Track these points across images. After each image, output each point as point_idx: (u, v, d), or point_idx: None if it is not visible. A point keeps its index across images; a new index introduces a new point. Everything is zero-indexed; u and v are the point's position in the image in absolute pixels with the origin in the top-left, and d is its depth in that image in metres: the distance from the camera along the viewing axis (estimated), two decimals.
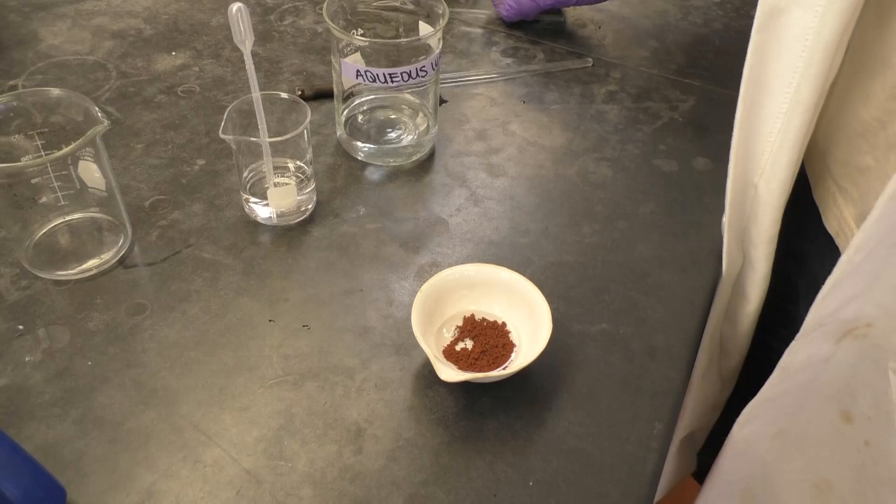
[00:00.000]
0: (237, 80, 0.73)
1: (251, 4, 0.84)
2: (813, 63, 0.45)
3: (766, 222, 0.54)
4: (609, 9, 0.87)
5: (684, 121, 0.72)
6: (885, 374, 0.44)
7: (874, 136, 0.48)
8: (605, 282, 0.57)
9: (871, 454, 0.47)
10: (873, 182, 0.48)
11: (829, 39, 0.44)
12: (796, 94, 0.47)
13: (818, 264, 0.56)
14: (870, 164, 0.48)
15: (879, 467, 0.46)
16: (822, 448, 0.50)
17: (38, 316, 0.52)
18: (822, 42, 0.44)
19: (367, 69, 0.59)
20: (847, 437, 0.48)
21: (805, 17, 0.44)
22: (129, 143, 0.65)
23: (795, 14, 0.45)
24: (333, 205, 0.61)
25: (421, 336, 0.47)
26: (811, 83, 0.46)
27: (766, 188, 0.52)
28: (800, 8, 0.45)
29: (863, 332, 0.45)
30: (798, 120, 0.48)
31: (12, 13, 0.79)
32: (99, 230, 0.58)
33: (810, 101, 0.46)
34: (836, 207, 0.53)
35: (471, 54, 0.79)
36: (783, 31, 0.46)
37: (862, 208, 0.49)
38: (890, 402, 0.44)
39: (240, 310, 0.53)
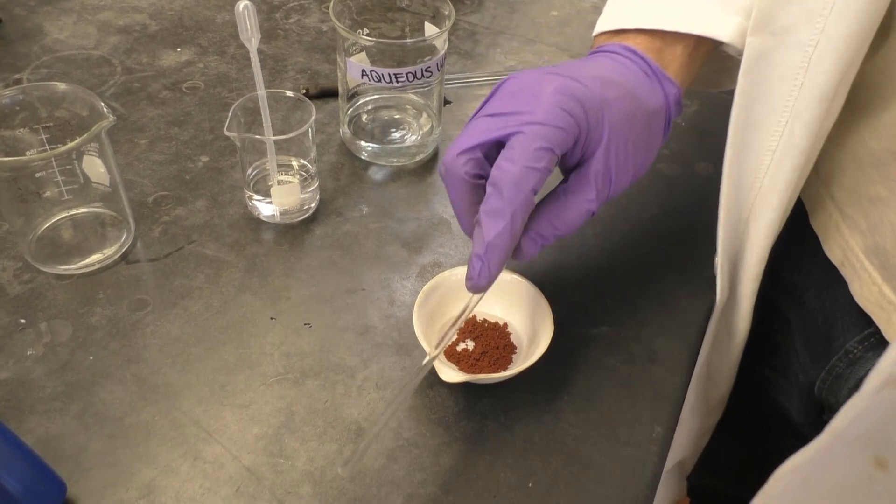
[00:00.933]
0: (242, 78, 0.73)
1: (257, 2, 0.84)
2: (805, 109, 0.44)
3: (753, 260, 0.53)
4: None
5: (687, 125, 0.72)
6: None
7: (886, 168, 0.46)
8: (607, 285, 0.57)
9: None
10: (887, 212, 0.47)
11: (823, 85, 0.43)
12: (790, 138, 0.46)
13: (813, 297, 0.55)
14: (882, 194, 0.47)
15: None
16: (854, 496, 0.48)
17: (40, 310, 0.52)
18: (816, 88, 0.43)
19: (373, 69, 0.59)
20: (880, 484, 0.45)
21: (793, 57, 0.43)
22: (133, 138, 0.65)
23: (782, 54, 0.44)
24: (336, 203, 0.61)
25: (422, 336, 0.47)
26: (805, 129, 0.45)
27: (754, 226, 0.51)
28: (787, 47, 0.43)
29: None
30: (790, 163, 0.46)
31: (18, 7, 0.79)
32: (102, 225, 0.58)
33: (804, 146, 0.45)
34: (839, 236, 0.51)
35: (475, 55, 0.79)
36: (771, 72, 0.45)
37: (873, 239, 0.48)
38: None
39: (241, 307, 0.53)
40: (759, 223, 0.51)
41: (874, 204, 0.47)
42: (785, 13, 0.43)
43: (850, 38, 0.41)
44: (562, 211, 0.45)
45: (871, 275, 0.48)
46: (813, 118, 0.44)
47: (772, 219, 0.50)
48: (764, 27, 0.44)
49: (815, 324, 0.53)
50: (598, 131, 0.43)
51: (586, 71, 0.45)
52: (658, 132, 0.48)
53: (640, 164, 0.47)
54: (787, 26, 0.43)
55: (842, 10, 0.40)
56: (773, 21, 0.44)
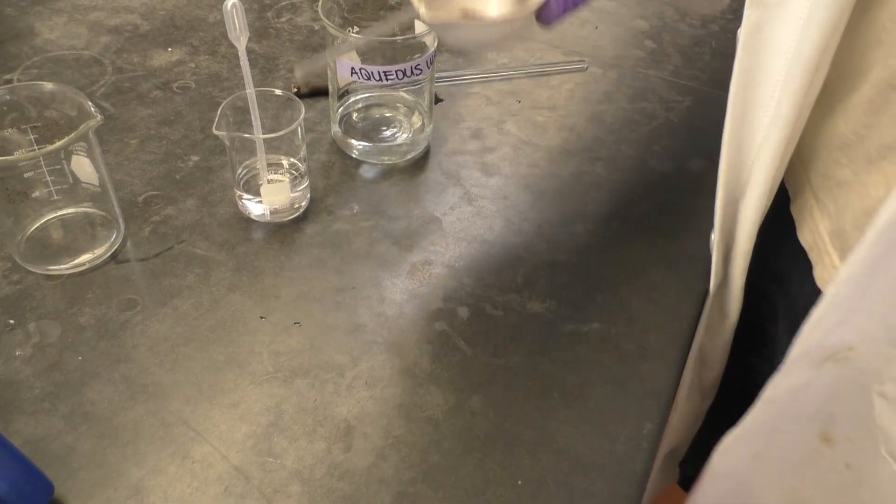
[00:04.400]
0: (233, 77, 0.73)
1: (248, 0, 0.84)
2: (792, 78, 0.45)
3: (743, 237, 0.54)
4: (607, 9, 0.87)
5: (679, 122, 0.72)
6: (868, 396, 0.44)
7: (852, 150, 0.47)
8: (598, 281, 0.57)
9: (853, 477, 0.46)
10: (850, 196, 0.48)
11: (808, 55, 0.44)
12: (777, 109, 0.47)
13: (796, 284, 0.56)
14: (848, 177, 0.48)
15: (862, 490, 0.46)
16: (801, 470, 0.49)
17: (29, 310, 0.52)
18: (802, 57, 0.44)
19: (362, 67, 0.59)
20: (827, 458, 0.47)
21: (785, 32, 0.44)
22: (123, 138, 0.65)
23: (776, 28, 0.45)
24: (327, 202, 0.61)
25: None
26: (790, 98, 0.46)
27: (744, 204, 0.52)
28: (781, 23, 0.44)
29: (844, 356, 0.45)
30: (777, 135, 0.47)
31: (8, 7, 0.79)
32: (91, 225, 0.58)
33: (790, 116, 0.46)
34: (811, 220, 0.52)
35: (467, 53, 0.79)
36: (765, 46, 0.46)
37: (837, 223, 0.49)
38: (874, 426, 0.44)
39: (231, 306, 0.53)
40: (748, 200, 0.52)
41: (841, 187, 0.48)
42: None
43: (834, 8, 0.42)
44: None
45: (832, 257, 0.49)
46: (798, 88, 0.45)
47: (760, 193, 0.51)
48: (759, 1, 0.45)
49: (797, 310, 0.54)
50: None
51: None
52: None
53: None
54: (780, 0, 0.44)
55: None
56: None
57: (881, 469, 0.44)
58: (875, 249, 0.41)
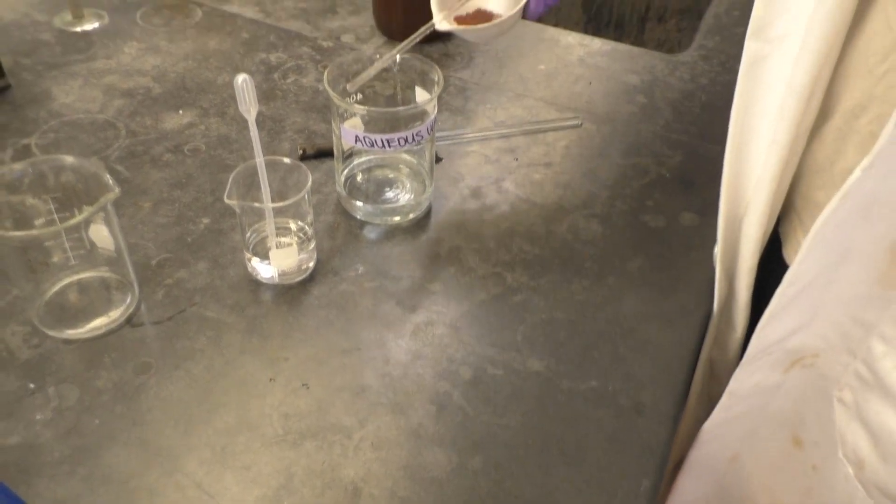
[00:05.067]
0: (241, 139, 0.76)
1: (256, 63, 0.87)
2: (788, 107, 0.50)
3: (747, 253, 0.58)
4: (599, 65, 0.91)
5: (672, 176, 0.75)
6: (830, 402, 0.48)
7: (825, 173, 0.53)
8: (595, 338, 0.59)
9: (819, 478, 0.50)
10: None
11: (800, 85, 0.48)
12: (774, 135, 0.51)
13: None
14: (822, 199, 0.53)
15: (825, 491, 0.49)
16: (775, 471, 0.53)
17: (48, 374, 0.54)
18: (794, 88, 0.49)
19: (366, 135, 0.62)
20: (797, 460, 0.51)
21: (782, 64, 0.49)
22: (137, 201, 0.68)
23: (776, 60, 0.50)
24: (333, 263, 0.64)
25: None
26: (787, 125, 0.50)
27: (748, 221, 0.57)
28: (778, 55, 0.49)
29: (810, 362, 0.50)
30: (774, 158, 0.52)
31: (26, 72, 0.82)
32: (107, 289, 0.60)
33: (785, 141, 0.51)
34: (795, 239, 0.57)
35: (466, 111, 0.82)
36: (764, 77, 0.51)
37: None
38: (835, 430, 0.47)
39: (242, 368, 0.55)
40: (751, 218, 0.56)
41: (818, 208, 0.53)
42: (778, 22, 0.49)
43: (823, 44, 0.46)
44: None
45: None
46: (794, 115, 0.49)
47: (762, 212, 0.55)
48: (759, 34, 0.50)
49: None
50: None
51: None
52: None
53: None
54: (781, 35, 0.49)
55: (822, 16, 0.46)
56: (768, 29, 0.49)
57: (838, 471, 0.47)
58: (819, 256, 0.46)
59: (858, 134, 0.49)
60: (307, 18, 0.96)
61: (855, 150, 0.50)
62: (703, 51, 0.94)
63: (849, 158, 0.50)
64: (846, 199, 0.43)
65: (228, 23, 0.94)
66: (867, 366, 0.46)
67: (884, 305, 0.44)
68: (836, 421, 0.48)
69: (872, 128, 0.48)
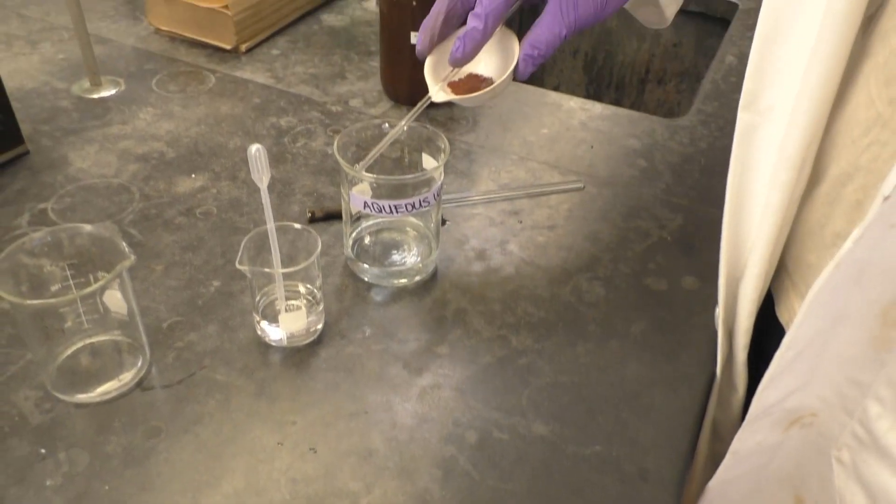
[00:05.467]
0: (252, 202, 0.78)
1: (267, 127, 0.90)
2: (780, 175, 0.52)
3: (744, 314, 0.59)
4: (601, 129, 0.93)
5: (673, 240, 0.76)
6: (829, 461, 0.49)
7: (815, 237, 0.54)
8: (599, 402, 0.60)
9: None
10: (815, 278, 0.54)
11: (791, 156, 0.51)
12: (767, 200, 0.53)
13: None
14: (813, 261, 0.55)
15: None
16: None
17: (59, 439, 0.55)
18: (785, 158, 0.51)
19: (374, 201, 0.64)
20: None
21: (773, 133, 0.51)
22: (149, 264, 0.70)
23: (766, 131, 0.52)
24: (340, 325, 0.65)
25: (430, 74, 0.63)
26: (779, 192, 0.52)
27: (744, 283, 0.58)
28: (772, 124, 0.51)
29: (808, 421, 0.51)
30: (768, 222, 0.54)
31: (45, 137, 0.85)
32: (119, 352, 0.61)
33: (778, 207, 0.53)
34: (787, 299, 0.59)
35: (471, 174, 0.84)
36: (756, 145, 0.53)
37: None
38: (834, 489, 0.48)
39: (251, 432, 0.56)
40: (747, 281, 0.57)
41: (810, 269, 0.55)
42: (768, 94, 0.51)
43: (812, 115, 0.48)
44: (539, 33, 0.60)
45: None
46: (786, 183, 0.51)
47: (757, 273, 0.56)
48: (750, 106, 0.52)
49: None
50: None
51: None
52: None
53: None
54: (771, 106, 0.51)
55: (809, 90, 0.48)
56: (758, 101, 0.52)
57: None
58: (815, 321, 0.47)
59: (846, 201, 0.51)
60: (317, 84, 0.99)
61: (842, 216, 0.52)
62: (702, 115, 0.96)
63: (837, 224, 0.52)
64: (839, 267, 0.45)
65: (240, 88, 0.97)
66: (863, 426, 0.47)
67: (878, 367, 0.45)
68: (835, 480, 0.49)
69: (858, 196, 0.50)
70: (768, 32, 0.50)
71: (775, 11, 0.49)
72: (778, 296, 0.60)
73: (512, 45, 0.64)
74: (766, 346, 0.63)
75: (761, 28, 0.50)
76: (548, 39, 0.59)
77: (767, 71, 0.51)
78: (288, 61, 1.04)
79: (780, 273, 0.59)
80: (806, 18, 0.47)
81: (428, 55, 0.65)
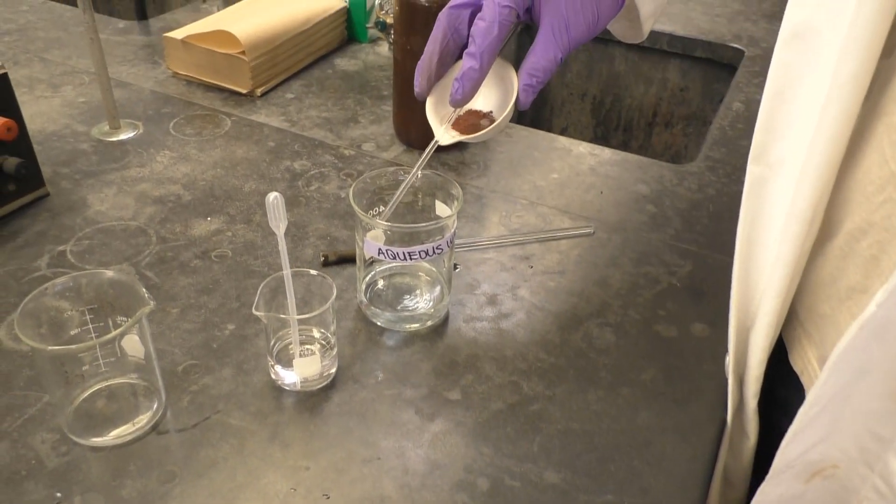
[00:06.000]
0: (266, 245, 0.79)
1: (281, 171, 0.92)
2: (790, 227, 0.52)
3: (754, 363, 0.59)
4: (610, 174, 0.95)
5: (682, 286, 0.77)
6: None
7: (829, 289, 0.55)
8: (610, 450, 0.60)
9: None
10: (829, 329, 0.55)
11: (801, 210, 0.51)
12: (778, 252, 0.54)
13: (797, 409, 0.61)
14: (827, 312, 0.55)
15: None
16: None
17: (75, 483, 0.55)
18: (795, 211, 0.52)
19: (388, 248, 0.65)
20: None
21: (783, 186, 0.52)
22: (165, 307, 0.71)
23: (775, 183, 0.53)
24: (353, 370, 0.65)
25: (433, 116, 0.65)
26: (789, 244, 0.53)
27: (754, 332, 0.58)
28: (782, 177, 0.52)
29: (830, 473, 0.51)
30: (779, 274, 0.54)
31: (64, 180, 0.87)
32: (135, 395, 0.62)
33: (788, 259, 0.53)
34: (800, 347, 0.59)
35: (482, 218, 0.86)
36: (766, 198, 0.54)
37: (822, 351, 0.56)
38: None
39: (264, 477, 0.56)
40: (758, 329, 0.58)
41: (823, 320, 0.55)
42: (778, 147, 0.52)
43: (823, 170, 0.49)
44: (535, 60, 0.61)
45: None
46: (796, 235, 0.52)
47: (767, 322, 0.56)
48: (761, 158, 0.53)
49: None
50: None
51: None
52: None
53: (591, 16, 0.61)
54: (781, 159, 0.52)
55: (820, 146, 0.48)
56: (768, 154, 0.53)
57: None
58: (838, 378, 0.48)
59: (860, 256, 0.51)
60: (330, 127, 1.01)
61: (857, 271, 0.52)
62: (710, 161, 0.98)
63: (852, 277, 0.53)
64: (863, 328, 0.45)
65: (256, 132, 0.99)
66: (884, 480, 0.47)
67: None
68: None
69: (874, 251, 0.50)
70: (778, 87, 0.51)
71: (785, 66, 0.50)
72: (791, 344, 0.61)
73: (509, 74, 0.65)
74: (776, 393, 0.63)
75: (771, 82, 0.51)
76: (545, 66, 0.61)
77: (777, 125, 0.52)
78: (302, 105, 1.06)
79: (792, 322, 0.60)
80: (816, 76, 0.48)
81: (427, 96, 0.66)
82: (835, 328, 0.54)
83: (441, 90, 0.67)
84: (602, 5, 0.62)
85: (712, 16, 1.43)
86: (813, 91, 0.48)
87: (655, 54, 1.38)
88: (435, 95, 0.67)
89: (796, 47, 0.49)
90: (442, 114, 0.67)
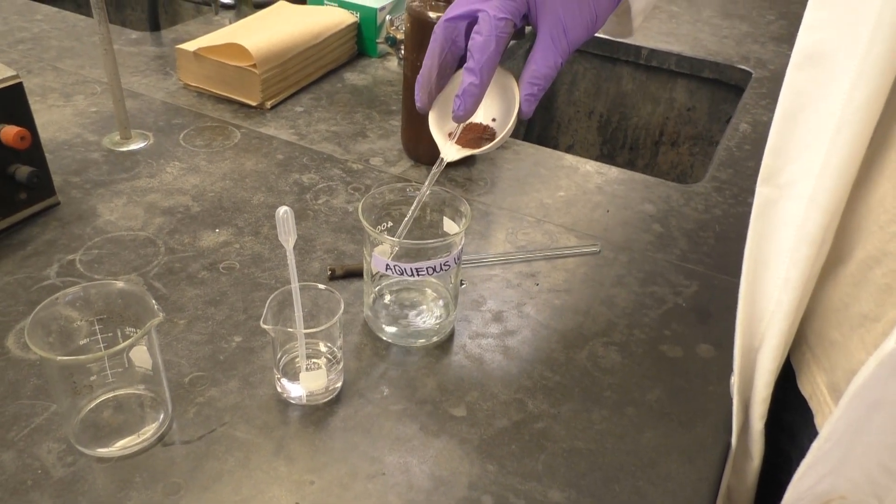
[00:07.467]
0: (274, 258, 0.79)
1: (290, 184, 0.92)
2: (799, 250, 0.52)
3: (761, 384, 0.59)
4: (617, 193, 0.95)
5: (688, 306, 0.77)
6: None
7: (840, 315, 0.54)
8: (615, 470, 0.60)
9: None
10: (840, 355, 0.55)
11: (811, 233, 0.51)
12: (787, 274, 0.54)
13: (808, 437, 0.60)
14: (837, 338, 0.55)
15: None
16: None
17: (80, 494, 0.55)
18: (805, 235, 0.51)
19: (395, 263, 0.65)
20: None
21: (795, 207, 0.52)
22: (173, 318, 0.71)
23: (787, 205, 0.53)
24: (359, 385, 0.66)
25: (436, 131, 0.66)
26: (798, 267, 0.53)
27: (761, 354, 0.58)
28: (791, 200, 0.52)
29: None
30: (787, 297, 0.54)
31: (75, 189, 0.88)
32: (141, 406, 0.62)
33: (797, 283, 0.53)
34: (809, 373, 0.59)
35: (488, 235, 0.86)
36: (775, 220, 0.54)
37: (832, 377, 0.56)
38: None
39: (269, 491, 0.56)
40: (765, 352, 0.58)
41: (833, 346, 0.55)
42: (789, 169, 0.52)
43: (833, 192, 0.49)
44: (535, 68, 0.61)
45: (830, 407, 0.55)
46: (805, 258, 0.52)
47: (775, 345, 0.56)
48: (770, 180, 0.53)
49: None
50: None
51: None
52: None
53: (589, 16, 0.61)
54: (791, 181, 0.52)
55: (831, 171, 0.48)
56: (778, 175, 0.52)
57: None
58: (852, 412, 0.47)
59: (874, 284, 0.51)
60: (338, 141, 1.02)
61: (870, 299, 0.51)
62: (717, 182, 0.98)
63: (864, 305, 0.52)
64: (881, 365, 0.45)
65: (265, 144, 1.00)
66: None
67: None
68: None
69: (888, 280, 0.50)
70: (790, 109, 0.51)
71: (797, 89, 0.50)
72: (799, 368, 0.60)
73: (509, 83, 0.65)
74: (781, 416, 0.63)
75: (783, 104, 0.51)
76: (545, 73, 0.61)
77: (788, 147, 0.52)
78: (311, 118, 1.07)
79: (801, 346, 0.60)
80: (829, 99, 0.48)
81: (429, 110, 0.67)
82: (845, 355, 0.54)
83: (443, 104, 0.67)
84: (600, 5, 0.62)
85: (720, 37, 1.43)
86: (826, 114, 0.48)
87: (663, 74, 1.39)
88: (437, 110, 0.67)
89: (809, 70, 0.49)
90: (446, 129, 0.68)
